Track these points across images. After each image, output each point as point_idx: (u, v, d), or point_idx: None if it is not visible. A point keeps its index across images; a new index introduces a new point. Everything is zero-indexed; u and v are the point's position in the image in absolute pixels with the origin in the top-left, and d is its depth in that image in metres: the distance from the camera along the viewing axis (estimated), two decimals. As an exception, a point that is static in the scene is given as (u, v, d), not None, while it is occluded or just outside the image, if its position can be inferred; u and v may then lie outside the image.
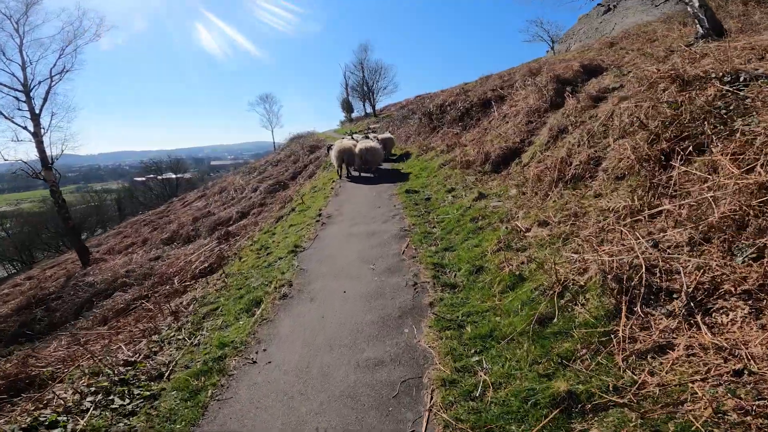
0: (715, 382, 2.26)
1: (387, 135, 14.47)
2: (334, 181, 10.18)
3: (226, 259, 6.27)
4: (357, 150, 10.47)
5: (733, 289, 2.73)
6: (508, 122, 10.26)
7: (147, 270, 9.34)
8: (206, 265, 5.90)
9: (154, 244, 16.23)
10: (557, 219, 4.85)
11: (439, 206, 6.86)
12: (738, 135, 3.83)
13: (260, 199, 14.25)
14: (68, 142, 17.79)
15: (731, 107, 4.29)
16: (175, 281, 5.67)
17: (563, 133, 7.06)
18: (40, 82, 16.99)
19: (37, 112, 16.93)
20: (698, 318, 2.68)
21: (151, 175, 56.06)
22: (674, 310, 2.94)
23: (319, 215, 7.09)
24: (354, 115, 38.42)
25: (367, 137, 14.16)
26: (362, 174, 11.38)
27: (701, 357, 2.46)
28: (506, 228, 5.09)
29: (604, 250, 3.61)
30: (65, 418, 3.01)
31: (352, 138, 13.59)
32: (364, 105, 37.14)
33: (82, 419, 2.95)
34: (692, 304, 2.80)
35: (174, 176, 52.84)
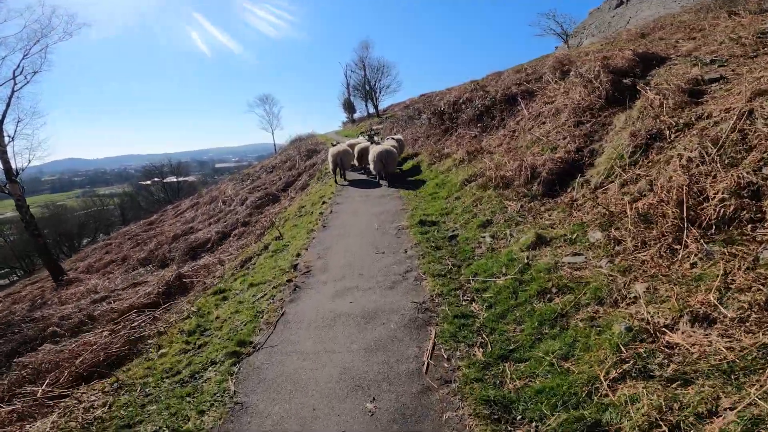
0: None
1: (398, 137, 12.08)
2: (324, 203, 7.73)
3: (143, 341, 3.87)
4: (375, 152, 9.21)
5: None
6: (545, 123, 7.81)
7: (83, 317, 7.02)
8: (101, 357, 3.52)
9: (131, 264, 13.94)
10: (734, 312, 2.38)
11: (473, 253, 4.39)
12: None
13: (245, 216, 11.86)
14: (36, 151, 15.48)
15: None
16: (46, 381, 3.28)
17: (658, 140, 4.56)
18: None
19: (0, 118, 14.63)
20: None
21: (156, 179, 54.38)
22: None
23: (294, 266, 4.63)
24: (356, 115, 35.90)
25: (372, 138, 12.00)
26: (366, 177, 9.92)
27: None
28: (625, 326, 2.61)
29: None
30: None
31: (371, 139, 11.63)
32: (366, 105, 34.50)
33: None
34: None
35: (175, 180, 51.03)
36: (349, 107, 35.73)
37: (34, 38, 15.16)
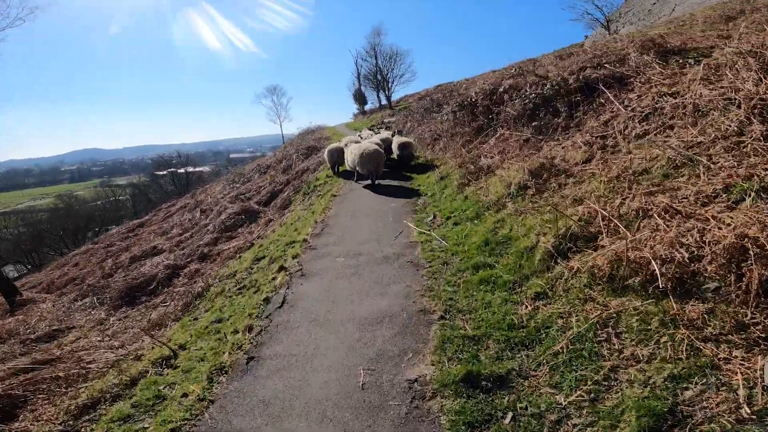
0: None
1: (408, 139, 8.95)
2: (283, 268, 4.38)
3: None
4: (365, 152, 8.28)
5: None
6: (672, 127, 4.40)
7: None
8: None
9: (84, 289, 11.17)
10: None
11: None
12: None
13: (209, 241, 8.79)
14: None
15: None
16: None
17: None
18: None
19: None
20: None
21: (171, 169, 52.95)
22: None
23: None
24: (367, 107, 32.39)
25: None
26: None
27: None
28: None
29: None
30: None
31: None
32: (378, 96, 30.89)
33: None
34: None
35: (184, 171, 49.40)
36: (360, 98, 32.23)
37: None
